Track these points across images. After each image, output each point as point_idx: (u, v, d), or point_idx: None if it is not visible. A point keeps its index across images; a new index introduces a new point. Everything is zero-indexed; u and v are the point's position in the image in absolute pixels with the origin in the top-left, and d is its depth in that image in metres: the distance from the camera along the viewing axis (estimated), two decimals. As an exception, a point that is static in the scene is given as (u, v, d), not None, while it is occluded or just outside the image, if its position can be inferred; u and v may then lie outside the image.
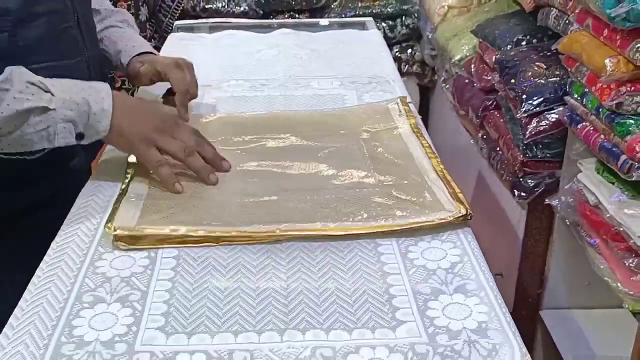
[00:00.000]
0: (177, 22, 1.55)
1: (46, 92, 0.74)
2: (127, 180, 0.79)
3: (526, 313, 1.63)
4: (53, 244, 0.69)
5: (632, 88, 1.09)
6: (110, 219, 0.71)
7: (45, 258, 0.67)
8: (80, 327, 0.58)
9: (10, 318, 0.59)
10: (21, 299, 0.61)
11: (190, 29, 1.49)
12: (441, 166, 0.82)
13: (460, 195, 0.75)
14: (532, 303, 1.63)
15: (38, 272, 0.65)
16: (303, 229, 0.69)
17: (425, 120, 2.41)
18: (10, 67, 0.74)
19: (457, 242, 0.69)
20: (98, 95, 0.77)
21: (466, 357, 0.54)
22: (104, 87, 0.79)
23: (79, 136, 0.76)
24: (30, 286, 0.63)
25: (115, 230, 0.69)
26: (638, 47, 1.04)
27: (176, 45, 1.32)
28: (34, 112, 0.73)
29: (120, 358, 0.54)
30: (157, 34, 2.13)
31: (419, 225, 0.70)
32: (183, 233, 0.69)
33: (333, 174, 0.81)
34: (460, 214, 0.71)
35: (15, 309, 0.60)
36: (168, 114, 0.86)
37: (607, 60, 1.11)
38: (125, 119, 0.78)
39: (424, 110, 2.45)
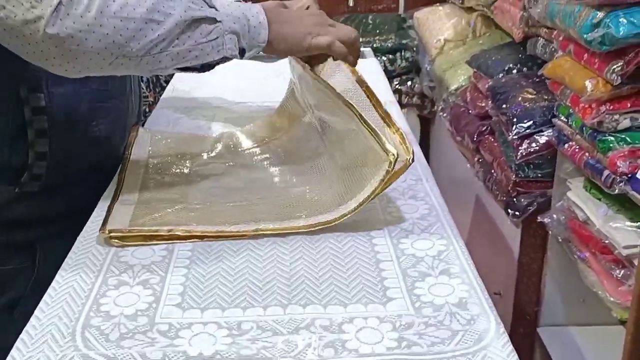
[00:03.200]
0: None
1: (211, 7, 0.78)
2: (119, 185, 0.88)
3: (524, 330, 1.68)
4: (79, 238, 0.77)
5: (611, 107, 1.18)
6: (104, 223, 0.78)
7: (73, 249, 0.75)
8: (106, 304, 0.65)
9: (44, 297, 0.66)
10: (53, 281, 0.69)
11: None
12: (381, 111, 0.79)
13: (396, 136, 0.75)
14: (530, 320, 1.68)
15: (67, 260, 0.73)
16: (276, 228, 0.77)
17: (427, 150, 2.50)
18: None
19: (444, 234, 0.76)
20: (252, 10, 0.82)
21: (447, 325, 0.61)
22: (254, 5, 0.83)
23: (241, 51, 0.81)
24: (61, 271, 0.71)
25: (108, 233, 0.76)
26: (614, 69, 1.13)
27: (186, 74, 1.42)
28: (206, 21, 0.77)
29: (142, 328, 0.62)
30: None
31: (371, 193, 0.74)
32: (170, 233, 0.76)
33: (299, 171, 0.90)
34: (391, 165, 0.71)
35: (48, 289, 0.67)
36: (322, 12, 0.91)
37: (587, 82, 1.20)
38: (283, 27, 0.84)
39: (425, 140, 2.54)
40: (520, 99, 1.53)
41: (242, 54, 0.82)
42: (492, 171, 1.69)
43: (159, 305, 0.65)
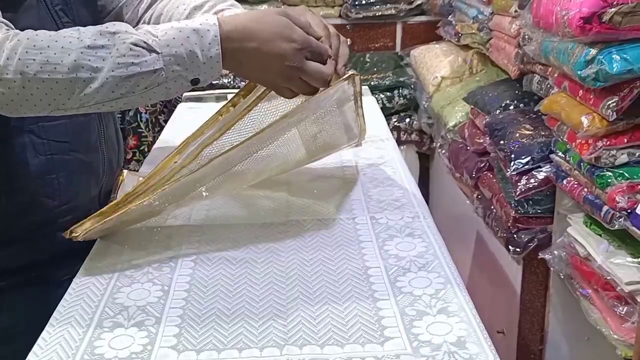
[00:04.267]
0: (185, 93, 1.63)
1: (150, 50, 0.72)
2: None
3: (529, 370, 1.65)
4: (75, 279, 0.77)
5: (608, 142, 1.18)
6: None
7: (69, 290, 0.74)
8: (100, 347, 0.65)
9: (38, 340, 0.65)
10: (48, 323, 0.68)
11: (198, 99, 1.60)
12: None
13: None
14: (535, 359, 1.65)
15: (63, 302, 0.72)
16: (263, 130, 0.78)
17: (425, 186, 2.50)
18: (113, 23, 0.73)
19: (442, 272, 0.76)
20: (203, 42, 0.73)
21: (446, 365, 0.60)
22: (211, 29, 0.73)
23: (195, 82, 0.75)
24: (55, 313, 0.70)
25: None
26: (609, 105, 1.14)
27: (185, 113, 1.43)
28: (142, 75, 0.72)
29: (137, 371, 0.61)
30: (167, 108, 2.27)
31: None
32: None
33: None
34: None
35: (43, 333, 0.67)
36: (294, 48, 0.75)
37: (583, 118, 1.21)
38: (243, 64, 0.76)
39: (424, 177, 2.54)
40: (517, 135, 1.54)
41: (196, 82, 0.75)
42: (492, 207, 1.68)
43: (153, 347, 0.64)
